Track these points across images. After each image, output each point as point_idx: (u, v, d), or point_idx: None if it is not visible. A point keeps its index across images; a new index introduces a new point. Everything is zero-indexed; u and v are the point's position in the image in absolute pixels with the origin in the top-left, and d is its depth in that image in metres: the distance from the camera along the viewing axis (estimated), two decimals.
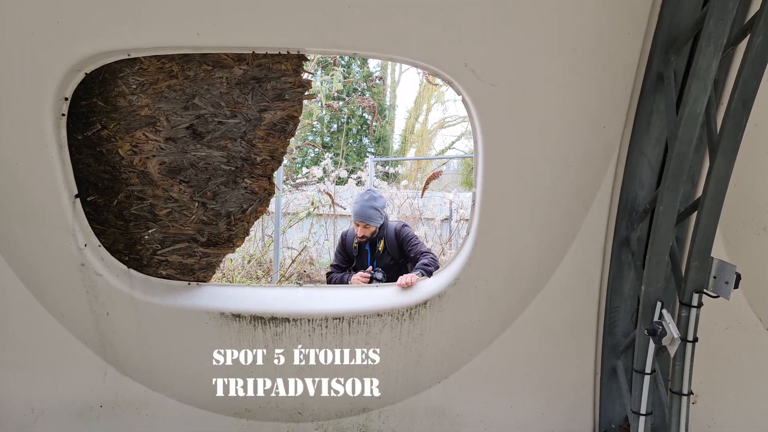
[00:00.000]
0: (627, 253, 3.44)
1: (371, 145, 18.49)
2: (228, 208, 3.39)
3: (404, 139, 19.71)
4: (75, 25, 2.76)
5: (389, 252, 4.55)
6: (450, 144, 19.56)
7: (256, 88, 3.08)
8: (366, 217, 4.41)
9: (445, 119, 19.14)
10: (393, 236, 4.55)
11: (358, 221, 4.44)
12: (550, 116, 3.13)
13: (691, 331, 3.02)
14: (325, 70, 7.03)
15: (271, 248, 6.41)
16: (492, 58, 2.92)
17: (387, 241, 4.54)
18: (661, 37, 2.94)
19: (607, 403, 3.67)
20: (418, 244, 4.50)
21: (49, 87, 2.92)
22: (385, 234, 4.55)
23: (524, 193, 3.32)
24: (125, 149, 3.22)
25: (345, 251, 4.71)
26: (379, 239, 4.53)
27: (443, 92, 18.43)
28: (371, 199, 4.46)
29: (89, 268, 3.43)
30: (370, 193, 4.55)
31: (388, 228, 4.59)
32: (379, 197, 4.54)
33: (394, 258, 4.55)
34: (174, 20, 2.75)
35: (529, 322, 3.65)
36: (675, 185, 2.89)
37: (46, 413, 3.80)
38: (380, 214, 4.49)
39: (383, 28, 2.81)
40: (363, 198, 4.49)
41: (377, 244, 4.53)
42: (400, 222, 4.71)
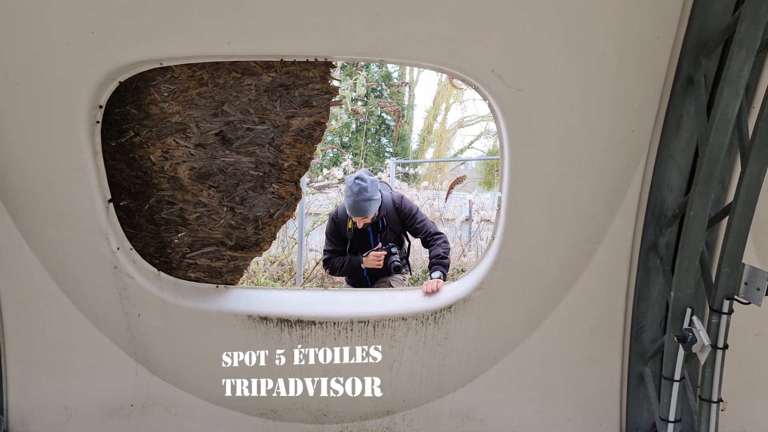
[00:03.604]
0: (655, 258, 3.40)
1: (390, 145, 18.52)
2: (256, 212, 3.44)
3: (422, 138, 19.70)
4: (110, 36, 2.83)
5: (391, 227, 4.28)
6: (469, 144, 19.50)
7: (284, 95, 3.13)
8: (362, 211, 4.07)
9: (464, 119, 19.09)
10: (393, 210, 4.26)
11: (355, 217, 4.13)
12: (577, 120, 3.12)
13: (721, 338, 2.98)
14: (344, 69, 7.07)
15: (294, 250, 6.48)
16: (519, 63, 2.92)
17: (387, 217, 4.24)
18: (691, 41, 2.91)
19: (634, 409, 3.64)
20: (424, 221, 4.22)
21: (84, 95, 3.01)
22: (384, 211, 4.23)
23: (550, 197, 3.30)
24: (156, 155, 3.29)
25: (339, 233, 4.37)
26: (379, 218, 4.24)
27: (462, 92, 18.39)
28: (361, 191, 4.03)
29: (121, 271, 3.52)
30: (359, 184, 4.04)
31: (385, 201, 4.25)
32: (370, 184, 4.07)
33: (396, 232, 4.31)
34: (205, 29, 2.81)
35: (554, 327, 3.63)
36: (706, 190, 2.86)
37: (79, 412, 3.90)
38: (376, 200, 4.12)
39: (410, 35, 2.83)
40: (353, 191, 4.05)
41: (379, 224, 4.25)
42: (398, 194, 4.39)
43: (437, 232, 4.18)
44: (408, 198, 4.39)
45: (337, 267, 4.38)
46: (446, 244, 4.05)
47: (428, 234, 4.15)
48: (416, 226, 4.20)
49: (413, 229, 4.23)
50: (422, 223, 4.18)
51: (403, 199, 4.33)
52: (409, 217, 4.21)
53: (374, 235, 4.30)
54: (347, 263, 4.33)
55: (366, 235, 4.32)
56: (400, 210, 4.24)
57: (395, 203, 4.27)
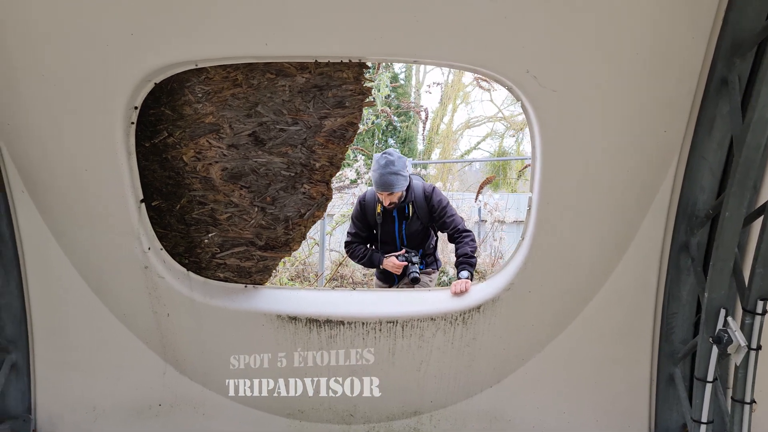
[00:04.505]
0: (686, 259, 3.40)
1: (396, 146, 18.52)
2: (286, 212, 3.46)
3: (429, 139, 19.72)
4: (148, 37, 2.86)
5: (418, 216, 4.20)
6: (475, 144, 19.51)
7: (318, 95, 3.15)
8: (388, 185, 4.01)
9: (471, 119, 19.10)
10: (422, 199, 4.17)
11: (380, 191, 4.06)
12: (610, 121, 3.12)
13: (755, 339, 2.97)
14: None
15: (313, 250, 6.50)
16: (553, 63, 2.93)
17: (416, 205, 4.14)
18: (725, 42, 2.90)
19: (664, 410, 3.63)
20: (454, 216, 4.16)
21: (121, 97, 3.03)
22: (413, 197, 4.16)
23: (581, 197, 3.31)
24: (189, 156, 3.31)
25: (365, 218, 4.30)
26: (407, 203, 4.16)
27: (468, 92, 18.41)
28: (389, 164, 3.99)
29: (152, 271, 3.54)
30: (386, 157, 4.03)
31: (415, 189, 4.17)
32: (397, 158, 4.05)
33: (424, 223, 4.24)
34: (243, 31, 2.83)
35: (582, 327, 3.63)
36: (741, 191, 2.85)
37: (107, 412, 3.92)
38: (403, 177, 4.07)
39: (446, 36, 2.85)
40: (380, 164, 4.03)
41: (406, 210, 4.17)
42: (430, 184, 4.31)
43: (466, 230, 4.13)
44: (439, 190, 4.31)
45: (358, 255, 4.31)
46: (473, 243, 4.03)
47: (457, 230, 4.09)
48: (445, 220, 4.13)
49: (442, 222, 4.15)
50: (452, 218, 4.13)
51: (434, 190, 4.26)
52: (439, 209, 4.14)
53: (400, 222, 4.20)
54: (368, 257, 4.27)
55: (392, 223, 4.24)
56: (431, 200, 4.16)
57: (426, 192, 4.20)
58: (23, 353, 3.77)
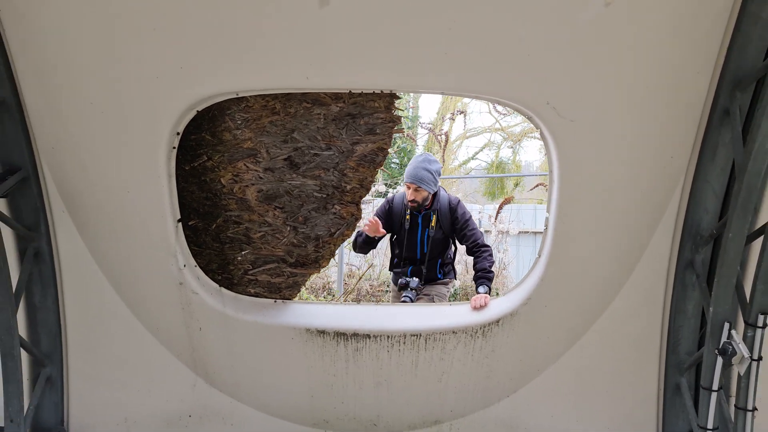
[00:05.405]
0: (691, 275, 3.64)
1: (396, 158, 18.74)
2: (317, 231, 3.66)
3: (427, 150, 19.96)
4: (196, 71, 3.06)
5: (441, 226, 4.37)
6: (473, 155, 19.83)
7: (351, 123, 3.36)
8: (419, 179, 4.19)
9: (468, 131, 19.43)
10: (447, 210, 4.34)
11: (410, 182, 4.22)
12: (622, 147, 3.37)
13: (756, 350, 3.21)
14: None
15: (331, 265, 6.68)
16: (572, 95, 3.17)
17: (440, 215, 4.33)
18: (728, 77, 3.16)
19: (671, 418, 3.85)
20: (475, 230, 4.34)
21: (166, 124, 3.23)
22: (438, 207, 4.33)
23: (595, 218, 3.54)
24: (227, 178, 3.50)
25: (389, 218, 4.44)
26: (432, 212, 4.34)
27: (466, 104, 18.75)
28: (426, 161, 4.23)
29: (187, 287, 3.70)
30: (426, 155, 4.31)
31: (441, 200, 4.35)
32: (434, 161, 4.29)
33: (446, 233, 4.40)
34: (286, 65, 3.04)
35: (594, 339, 3.85)
36: (744, 213, 3.10)
37: (138, 423, 4.06)
38: (434, 179, 4.25)
39: (473, 71, 3.08)
40: (417, 159, 4.27)
41: (431, 218, 4.33)
42: (455, 197, 4.52)
43: (485, 245, 4.33)
44: (463, 203, 4.52)
45: (359, 244, 4.38)
46: (492, 258, 4.24)
47: (477, 244, 4.28)
48: (466, 233, 4.31)
49: (462, 234, 4.33)
50: (473, 232, 4.32)
51: (459, 203, 4.45)
52: (462, 221, 4.33)
53: (423, 229, 4.37)
54: (363, 238, 4.32)
55: (416, 229, 4.39)
56: (455, 211, 4.35)
57: (451, 203, 4.38)
58: (58, 367, 3.90)
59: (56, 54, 3.11)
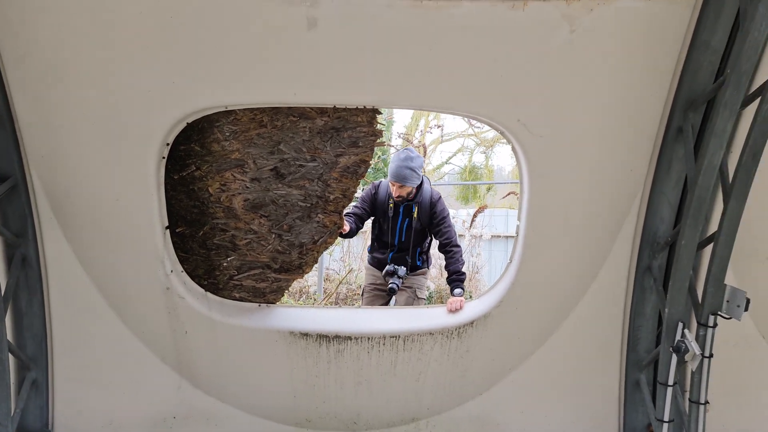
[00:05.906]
0: (649, 279, 3.93)
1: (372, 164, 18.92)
2: (301, 239, 3.82)
3: None
4: (188, 84, 3.20)
5: (420, 219, 4.55)
6: (447, 159, 20.19)
7: (335, 136, 3.54)
8: (402, 178, 4.36)
9: (443, 136, 19.78)
10: (428, 205, 4.51)
11: (394, 181, 4.40)
12: (586, 161, 3.64)
13: (707, 348, 3.51)
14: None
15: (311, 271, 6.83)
16: (541, 114, 3.42)
17: (421, 208, 4.49)
18: (681, 98, 3.46)
19: (631, 411, 4.14)
20: (450, 228, 4.53)
21: (157, 135, 3.36)
22: (420, 200, 4.50)
23: (562, 225, 3.81)
24: (215, 187, 3.64)
25: (373, 204, 4.61)
26: (414, 204, 4.51)
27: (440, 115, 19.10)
28: (407, 159, 4.36)
29: (173, 292, 3.82)
30: (407, 152, 4.43)
31: (424, 193, 4.51)
32: (416, 157, 4.44)
33: (423, 225, 4.59)
34: (274, 82, 3.21)
35: (561, 340, 4.11)
36: (695, 223, 3.40)
37: (124, 425, 4.15)
38: (417, 174, 4.41)
39: (452, 89, 3.31)
40: (399, 157, 4.40)
41: (413, 209, 4.52)
42: (437, 192, 4.68)
43: (457, 245, 4.56)
44: (444, 200, 4.72)
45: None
46: (462, 258, 4.49)
47: (450, 243, 4.49)
48: (442, 229, 4.51)
49: (438, 230, 4.52)
50: (448, 229, 4.53)
51: (440, 199, 4.64)
52: (440, 217, 4.52)
53: (403, 219, 4.55)
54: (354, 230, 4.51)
55: (396, 217, 4.57)
56: (435, 206, 4.53)
57: (432, 198, 4.56)
58: (43, 370, 3.96)
59: (49, 66, 3.20)
